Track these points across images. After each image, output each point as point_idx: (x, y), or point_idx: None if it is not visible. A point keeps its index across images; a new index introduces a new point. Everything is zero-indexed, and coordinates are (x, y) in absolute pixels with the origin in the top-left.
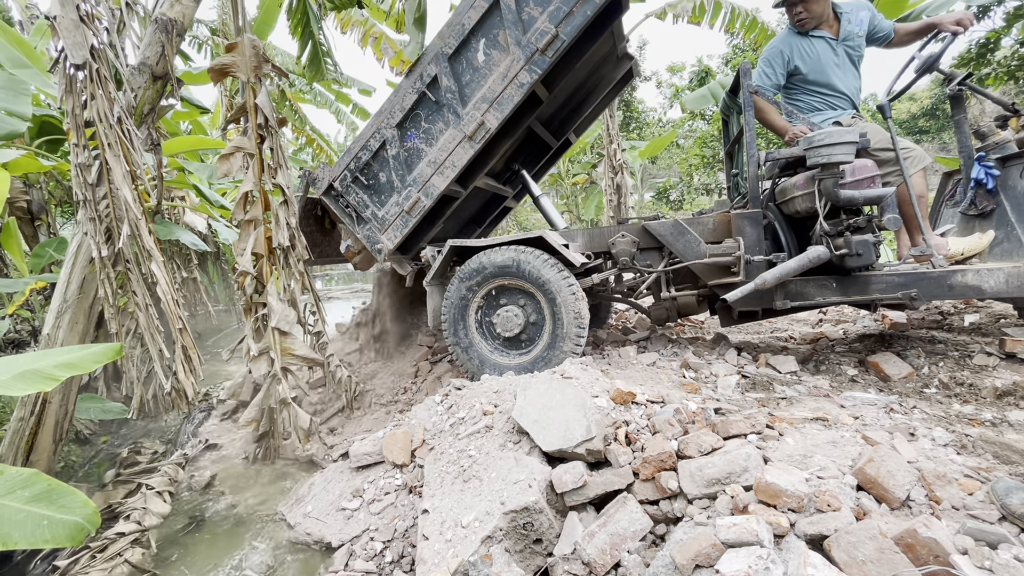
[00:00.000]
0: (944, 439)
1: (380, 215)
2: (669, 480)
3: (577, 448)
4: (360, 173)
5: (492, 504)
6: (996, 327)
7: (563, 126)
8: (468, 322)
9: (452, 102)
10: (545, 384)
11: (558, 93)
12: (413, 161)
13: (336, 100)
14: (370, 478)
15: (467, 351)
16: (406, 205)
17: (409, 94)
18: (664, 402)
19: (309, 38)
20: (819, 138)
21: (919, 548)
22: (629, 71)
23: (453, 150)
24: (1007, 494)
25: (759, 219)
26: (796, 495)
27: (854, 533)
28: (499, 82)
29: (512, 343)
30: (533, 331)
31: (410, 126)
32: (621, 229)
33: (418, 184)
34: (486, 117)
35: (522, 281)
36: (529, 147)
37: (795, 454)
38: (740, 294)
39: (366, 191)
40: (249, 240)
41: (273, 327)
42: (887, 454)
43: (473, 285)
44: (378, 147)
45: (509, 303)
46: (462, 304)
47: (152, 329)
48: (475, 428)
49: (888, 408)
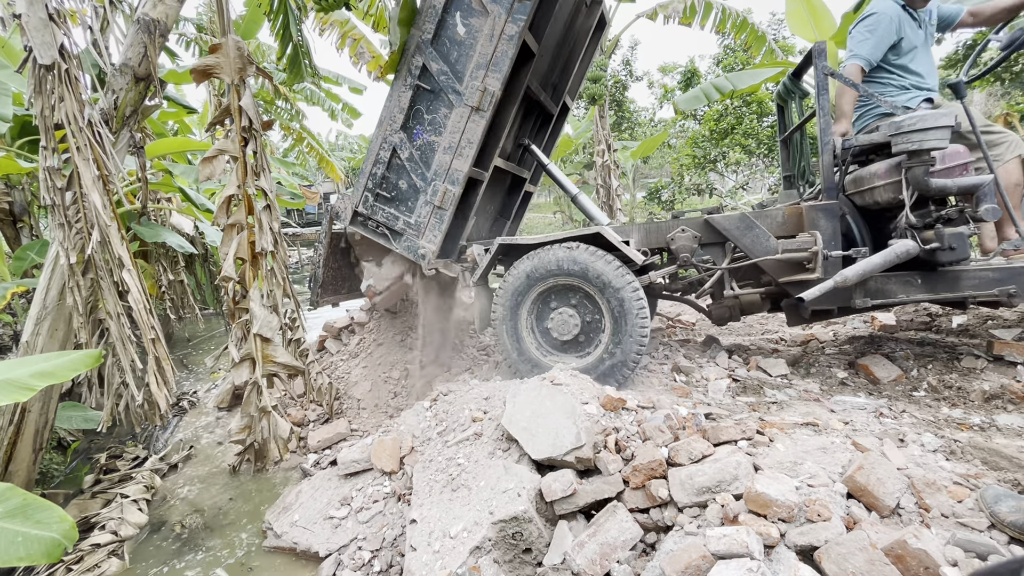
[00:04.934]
0: (933, 444)
1: (413, 221)
2: (659, 488)
3: (567, 456)
4: (380, 188)
5: (481, 514)
6: (984, 329)
7: (556, 90)
8: (520, 324)
9: (448, 83)
10: (535, 391)
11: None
12: (428, 156)
13: (327, 98)
14: (358, 486)
15: (519, 354)
16: (436, 200)
17: (404, 93)
18: (655, 408)
19: (289, 39)
20: (909, 122)
21: (909, 559)
22: (601, 17)
23: (465, 127)
24: (996, 501)
25: (836, 212)
26: (786, 504)
27: (844, 544)
28: (488, 44)
29: (568, 345)
30: (590, 333)
31: (414, 124)
32: (681, 223)
33: (441, 175)
34: (487, 82)
35: (580, 280)
36: (531, 121)
37: (785, 461)
38: (818, 292)
39: (391, 204)
40: (232, 244)
41: (255, 333)
42: (877, 461)
43: (527, 285)
44: (389, 156)
45: (564, 304)
46: (514, 305)
47: (124, 339)
48: (464, 435)
49: (878, 412)
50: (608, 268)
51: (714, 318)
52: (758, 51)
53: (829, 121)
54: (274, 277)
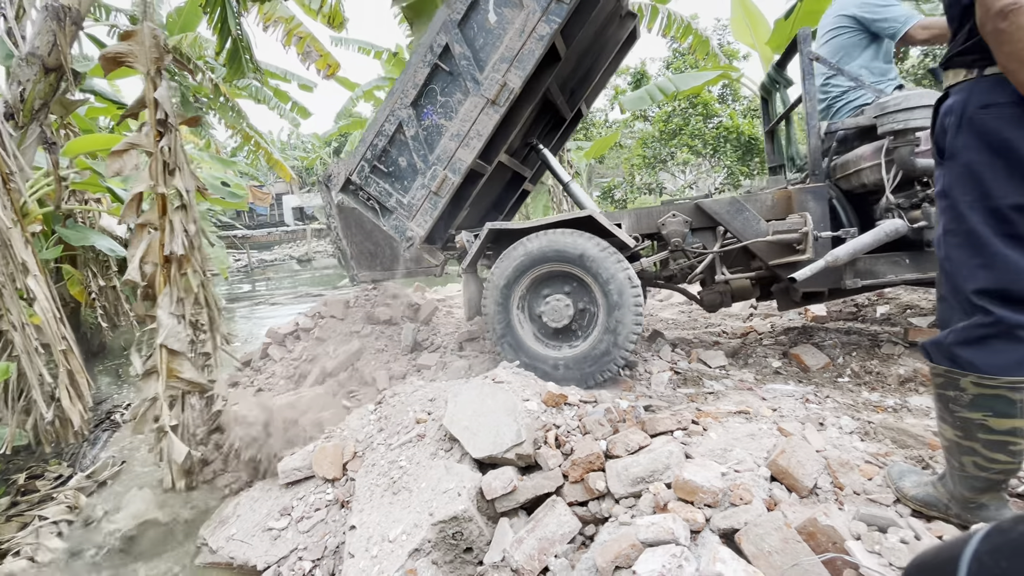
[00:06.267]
0: (850, 427)
1: (406, 202)
2: (597, 481)
3: (507, 453)
4: (378, 161)
5: (421, 516)
6: (904, 317)
7: (574, 95)
8: (511, 311)
9: (469, 69)
10: (476, 390)
11: (570, 53)
12: (434, 138)
13: (275, 96)
14: (300, 495)
15: (510, 343)
16: (433, 185)
17: (421, 69)
18: (597, 402)
19: (228, 34)
20: (894, 103)
21: (819, 536)
22: (633, 31)
23: (476, 118)
24: (900, 477)
25: (824, 194)
26: (711, 491)
27: (762, 525)
28: (516, 39)
29: (561, 333)
30: (584, 320)
31: (426, 103)
32: (672, 209)
33: (443, 161)
34: (508, 77)
35: (573, 267)
36: (543, 121)
37: (716, 448)
38: (809, 272)
39: (387, 179)
40: (140, 246)
41: (160, 344)
42: (798, 445)
43: (517, 271)
44: (394, 130)
45: (556, 291)
46: (505, 292)
47: (30, 351)
48: (408, 437)
49: (804, 399)
50: (601, 253)
51: (705, 304)
52: (703, 55)
53: (815, 106)
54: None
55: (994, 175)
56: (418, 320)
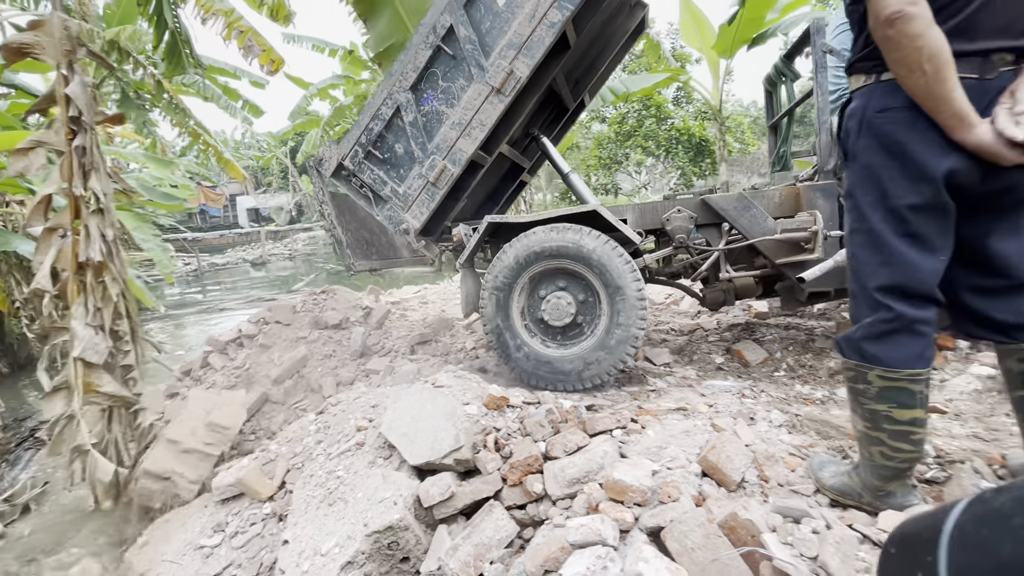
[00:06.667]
0: (779, 420)
1: (401, 191)
2: (535, 483)
3: (445, 459)
4: (373, 147)
5: (355, 527)
6: (838, 312)
7: (578, 85)
8: (511, 309)
9: (473, 53)
10: (416, 395)
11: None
12: (433, 126)
13: (224, 94)
14: (235, 510)
15: (508, 341)
16: (431, 176)
17: (422, 51)
18: (540, 403)
19: (164, 27)
20: None
21: (739, 530)
22: (642, 20)
23: (480, 107)
24: (820, 468)
25: (833, 191)
26: (641, 489)
27: (686, 522)
28: (526, 25)
29: (563, 331)
30: (586, 318)
31: (426, 87)
32: (677, 204)
33: (442, 150)
34: (515, 65)
35: (575, 263)
36: (545, 111)
37: (653, 446)
38: (819, 272)
39: (382, 166)
40: (49, 253)
41: (76, 357)
42: (728, 440)
43: (519, 267)
44: (391, 115)
45: (559, 288)
46: (505, 288)
47: None
48: (347, 446)
49: (741, 394)
50: (605, 249)
51: (707, 302)
52: (655, 58)
53: (827, 100)
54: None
55: (891, 176)
56: (369, 324)
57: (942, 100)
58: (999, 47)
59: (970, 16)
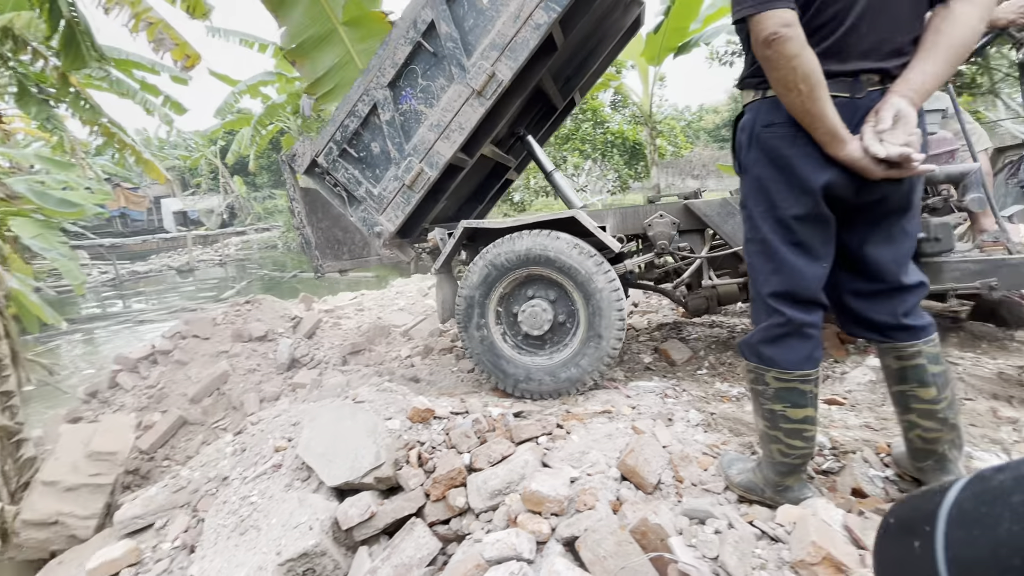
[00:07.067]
0: (696, 419)
1: (376, 192)
2: (458, 497)
3: (365, 478)
4: (348, 144)
5: (267, 556)
6: None
7: (568, 83)
8: (487, 316)
9: (454, 52)
10: (335, 412)
11: (569, 41)
12: (411, 126)
13: (142, 90)
14: (142, 541)
15: (485, 349)
16: (407, 178)
17: (401, 46)
18: (468, 413)
19: (59, 15)
20: None
21: (650, 535)
22: (638, 18)
23: (459, 109)
24: (729, 466)
25: None
26: (558, 499)
27: (599, 531)
28: (510, 25)
29: (539, 341)
30: (565, 327)
31: (405, 84)
32: (659, 209)
33: (420, 152)
34: (497, 67)
35: (552, 271)
36: (533, 109)
37: (576, 452)
38: None
39: (357, 165)
40: None
41: None
42: (647, 442)
43: (495, 274)
44: (368, 112)
45: (536, 295)
46: (481, 295)
47: None
48: (264, 469)
49: (663, 394)
50: (582, 257)
51: (690, 309)
52: None
53: None
54: None
55: (777, 188)
56: (298, 335)
57: (816, 118)
58: (867, 68)
59: (840, 39)
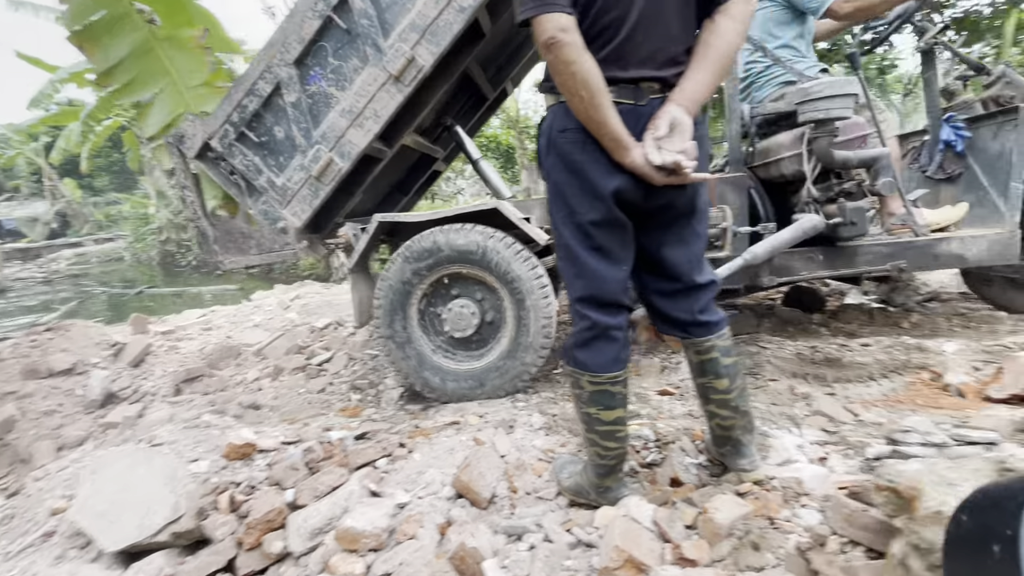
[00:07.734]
0: (538, 423)
1: (279, 183)
2: (275, 542)
3: (159, 536)
4: (247, 127)
5: None
6: None
7: (500, 73)
8: (409, 314)
9: (370, 31)
10: (127, 459)
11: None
12: (320, 110)
13: None
14: None
15: (404, 349)
16: (314, 169)
17: (309, 19)
18: (300, 441)
19: None
20: (816, 89)
21: (468, 560)
22: None
23: (375, 95)
24: (561, 469)
25: (744, 184)
26: (375, 533)
27: (412, 563)
28: (432, 5)
29: (463, 343)
30: (491, 328)
31: (313, 63)
32: None
33: (329, 140)
34: (417, 51)
35: (476, 268)
36: (462, 98)
37: (414, 472)
38: (728, 271)
39: (257, 151)
40: None
41: None
42: (484, 454)
43: (419, 271)
44: (271, 91)
45: (460, 296)
46: (403, 292)
47: None
48: (33, 538)
49: (514, 398)
50: (507, 251)
51: None
52: None
53: (737, 87)
54: None
55: (574, 193)
56: (119, 364)
57: (600, 124)
58: (646, 76)
59: (618, 47)
